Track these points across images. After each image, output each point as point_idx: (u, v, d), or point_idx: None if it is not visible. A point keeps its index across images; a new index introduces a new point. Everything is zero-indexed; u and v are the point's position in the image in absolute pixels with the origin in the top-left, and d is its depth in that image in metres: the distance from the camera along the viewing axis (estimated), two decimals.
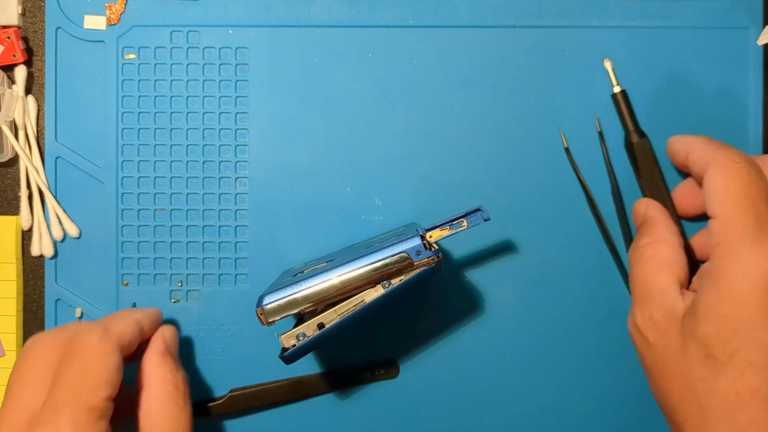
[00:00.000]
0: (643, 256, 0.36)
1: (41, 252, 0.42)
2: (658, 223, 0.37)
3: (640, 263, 0.36)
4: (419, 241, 0.34)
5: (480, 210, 0.35)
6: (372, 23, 0.42)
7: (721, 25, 0.42)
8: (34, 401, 0.32)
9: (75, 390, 0.32)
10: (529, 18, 0.42)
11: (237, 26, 0.42)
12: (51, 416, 0.31)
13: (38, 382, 0.33)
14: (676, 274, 0.35)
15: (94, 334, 0.33)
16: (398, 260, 0.34)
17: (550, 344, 0.43)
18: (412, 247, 0.34)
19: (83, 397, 0.32)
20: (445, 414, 0.43)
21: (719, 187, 0.33)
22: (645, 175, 0.41)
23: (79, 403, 0.31)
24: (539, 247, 0.42)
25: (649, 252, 0.36)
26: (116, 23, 0.42)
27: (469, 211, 0.35)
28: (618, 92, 0.41)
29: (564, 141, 0.42)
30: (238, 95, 0.42)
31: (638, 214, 0.39)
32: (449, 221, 0.35)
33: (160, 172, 0.42)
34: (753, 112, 0.42)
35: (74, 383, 0.32)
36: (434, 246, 0.35)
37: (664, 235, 0.36)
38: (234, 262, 0.42)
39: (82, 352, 0.33)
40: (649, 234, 0.37)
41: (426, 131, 0.42)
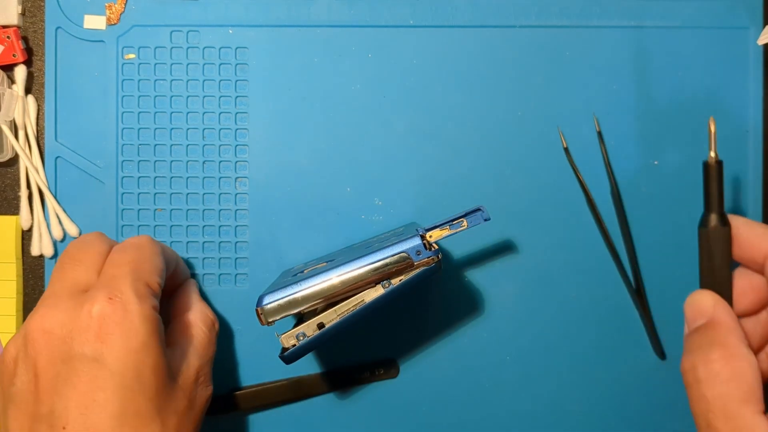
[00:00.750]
0: (719, 376, 0.30)
1: (41, 252, 0.42)
2: (732, 332, 0.32)
3: (717, 384, 0.30)
4: (419, 241, 0.34)
5: (480, 210, 0.35)
6: (372, 23, 0.42)
7: (721, 25, 0.42)
8: (87, 276, 0.35)
9: (133, 268, 0.34)
10: (529, 18, 0.42)
11: (237, 26, 0.42)
12: (111, 283, 0.33)
13: (91, 263, 0.35)
14: (761, 402, 0.30)
15: (144, 236, 0.38)
16: (398, 260, 0.34)
17: (549, 344, 0.43)
18: (412, 246, 0.34)
19: (141, 275, 0.34)
20: (445, 414, 0.43)
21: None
22: (716, 266, 0.34)
23: (138, 276, 0.34)
24: (539, 247, 0.42)
25: (727, 371, 0.30)
26: (116, 23, 0.42)
27: (469, 211, 0.35)
28: (714, 162, 0.34)
29: (563, 141, 0.42)
30: (238, 95, 0.42)
31: (701, 311, 0.33)
32: (449, 221, 0.35)
33: (160, 172, 0.42)
34: (753, 112, 0.42)
35: (132, 263, 0.35)
36: (434, 246, 0.35)
37: (741, 351, 0.31)
38: (234, 262, 0.42)
39: (136, 245, 0.36)
40: (722, 345, 0.31)
41: (426, 131, 0.42)
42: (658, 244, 0.42)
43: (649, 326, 0.42)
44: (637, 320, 0.42)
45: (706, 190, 0.34)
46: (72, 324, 0.32)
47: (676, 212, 0.42)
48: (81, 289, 0.34)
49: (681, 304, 0.42)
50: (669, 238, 0.42)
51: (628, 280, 0.42)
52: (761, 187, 0.43)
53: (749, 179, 0.42)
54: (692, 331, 0.33)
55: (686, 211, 0.42)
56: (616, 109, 0.42)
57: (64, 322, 0.32)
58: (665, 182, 0.42)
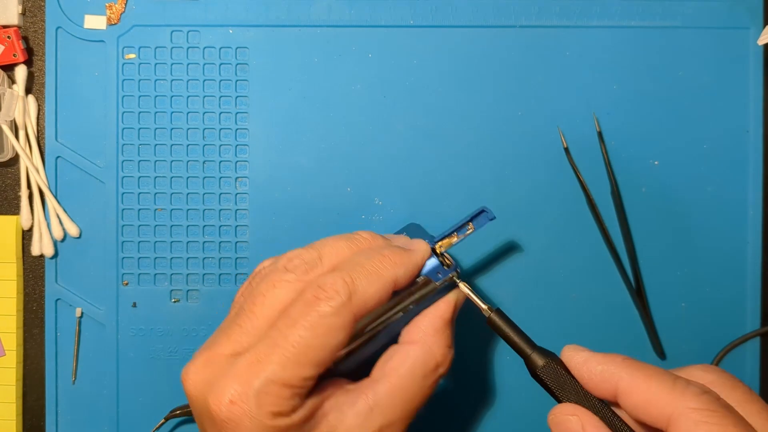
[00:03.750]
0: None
1: (41, 252, 0.42)
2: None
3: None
4: (436, 261, 0.33)
5: (484, 211, 0.35)
6: (372, 23, 0.42)
7: (721, 25, 0.42)
8: (248, 340, 0.29)
9: (281, 359, 0.28)
10: (529, 18, 0.42)
11: (237, 26, 0.42)
12: (245, 372, 0.28)
13: (264, 319, 0.29)
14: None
15: (335, 299, 0.28)
16: (420, 286, 0.32)
17: (549, 344, 0.43)
18: (432, 269, 0.33)
19: (286, 371, 0.28)
20: (445, 414, 0.43)
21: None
22: (570, 397, 0.29)
23: (279, 377, 0.28)
24: (539, 247, 0.42)
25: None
26: (116, 23, 0.42)
27: (474, 215, 0.35)
28: (490, 312, 0.32)
29: (564, 141, 0.42)
30: (238, 95, 0.42)
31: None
32: (456, 228, 0.34)
33: (161, 172, 0.42)
34: (753, 112, 0.42)
35: (286, 349, 0.28)
36: (449, 261, 0.33)
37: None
38: (234, 262, 0.42)
39: (310, 317, 0.28)
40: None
41: (426, 131, 0.42)
42: (658, 244, 0.42)
43: (649, 326, 0.42)
44: (637, 320, 0.42)
45: (507, 339, 0.31)
46: (204, 399, 0.29)
47: (676, 212, 0.42)
48: (239, 351, 0.29)
49: (681, 304, 0.43)
50: (669, 238, 0.42)
51: (628, 280, 0.42)
52: (761, 187, 0.43)
53: (749, 179, 0.42)
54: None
55: (686, 211, 0.42)
56: (616, 109, 0.42)
57: (200, 390, 0.29)
58: (665, 182, 0.42)
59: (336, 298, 0.29)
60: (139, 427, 0.42)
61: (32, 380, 0.43)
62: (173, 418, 0.41)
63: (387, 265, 0.30)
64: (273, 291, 0.29)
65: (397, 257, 0.31)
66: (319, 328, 0.28)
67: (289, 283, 0.30)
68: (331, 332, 0.28)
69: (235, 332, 0.29)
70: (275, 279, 0.30)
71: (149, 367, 0.42)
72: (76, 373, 0.43)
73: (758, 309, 0.43)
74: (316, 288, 0.29)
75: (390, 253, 0.31)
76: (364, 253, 0.31)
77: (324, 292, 0.29)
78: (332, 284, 0.29)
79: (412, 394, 0.31)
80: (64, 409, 0.43)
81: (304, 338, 0.28)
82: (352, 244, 0.31)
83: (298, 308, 0.29)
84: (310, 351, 0.28)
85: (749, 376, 0.43)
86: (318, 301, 0.28)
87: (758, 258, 0.43)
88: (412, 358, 0.31)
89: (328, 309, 0.28)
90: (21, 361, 0.43)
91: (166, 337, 0.42)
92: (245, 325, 0.29)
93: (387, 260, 0.31)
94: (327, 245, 0.31)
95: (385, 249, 0.31)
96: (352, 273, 0.29)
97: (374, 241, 0.32)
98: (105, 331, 0.42)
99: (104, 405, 0.42)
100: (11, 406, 0.42)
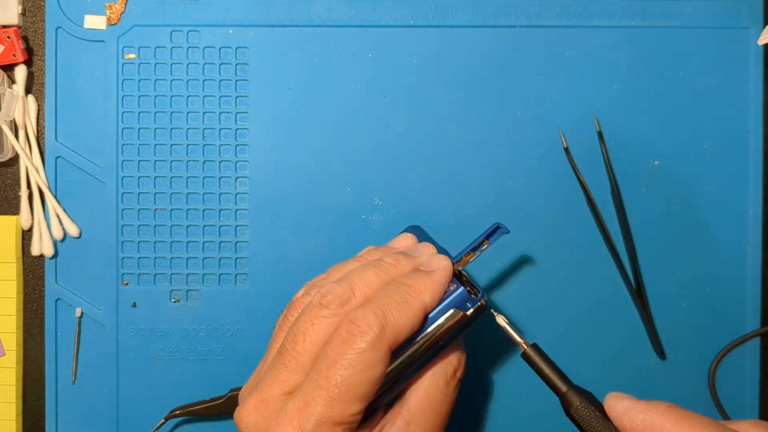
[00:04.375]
0: None
1: (41, 252, 0.42)
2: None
3: None
4: (464, 291, 0.32)
5: (499, 228, 0.34)
6: (372, 23, 0.42)
7: (721, 25, 0.42)
8: (296, 379, 0.30)
9: (328, 396, 0.29)
10: (529, 18, 0.42)
11: (237, 26, 0.42)
12: (298, 416, 0.29)
13: (308, 356, 0.30)
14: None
15: (369, 333, 0.29)
16: (449, 318, 0.32)
17: (549, 344, 0.43)
18: (460, 301, 0.32)
19: (333, 408, 0.29)
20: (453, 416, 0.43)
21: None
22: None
23: (326, 415, 0.28)
24: (539, 247, 0.42)
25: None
26: (116, 23, 0.42)
27: (489, 232, 0.34)
28: (527, 347, 0.31)
29: (564, 141, 0.42)
30: (238, 95, 0.42)
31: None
32: (473, 247, 0.34)
33: (161, 172, 0.42)
34: (753, 112, 0.42)
35: (330, 389, 0.29)
36: (476, 289, 0.32)
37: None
38: (234, 262, 0.42)
39: (348, 355, 0.29)
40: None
41: (426, 131, 0.42)
42: (658, 244, 0.42)
43: (649, 326, 0.42)
44: (637, 320, 0.42)
45: (542, 375, 0.31)
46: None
47: (676, 212, 0.42)
48: (287, 391, 0.30)
49: (681, 304, 0.43)
50: (669, 238, 0.42)
51: (628, 280, 0.42)
52: (761, 187, 0.43)
53: (749, 179, 0.42)
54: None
55: (686, 211, 0.42)
56: (616, 109, 0.42)
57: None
58: (665, 182, 0.42)
59: (370, 332, 0.29)
60: (139, 427, 0.42)
61: (32, 380, 0.43)
62: (173, 418, 0.41)
63: (414, 294, 0.31)
64: (312, 328, 0.30)
65: (423, 284, 0.32)
66: (359, 364, 0.29)
67: (325, 318, 0.30)
68: (370, 367, 0.29)
69: (282, 372, 0.30)
70: (312, 316, 0.30)
71: (149, 367, 0.42)
72: (76, 373, 0.43)
73: (758, 309, 0.43)
74: (349, 323, 0.29)
75: (415, 280, 0.32)
76: (393, 284, 0.32)
77: (358, 328, 0.29)
78: (364, 318, 0.29)
79: (439, 402, 0.32)
80: (64, 409, 0.43)
81: (345, 377, 0.29)
82: (381, 272, 0.32)
83: (335, 347, 0.29)
84: (353, 388, 0.29)
85: (749, 376, 0.43)
86: (353, 337, 0.29)
87: (758, 258, 0.43)
88: (431, 369, 0.32)
89: (364, 345, 0.29)
90: (21, 361, 0.43)
91: (166, 337, 0.42)
92: (290, 364, 0.30)
93: (413, 289, 0.31)
94: (357, 277, 0.32)
95: (410, 276, 0.32)
96: (382, 305, 0.30)
97: (399, 265, 0.33)
98: (105, 331, 0.42)
99: (104, 405, 0.42)
100: (11, 406, 0.42)
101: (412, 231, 0.36)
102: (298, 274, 0.42)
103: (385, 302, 0.30)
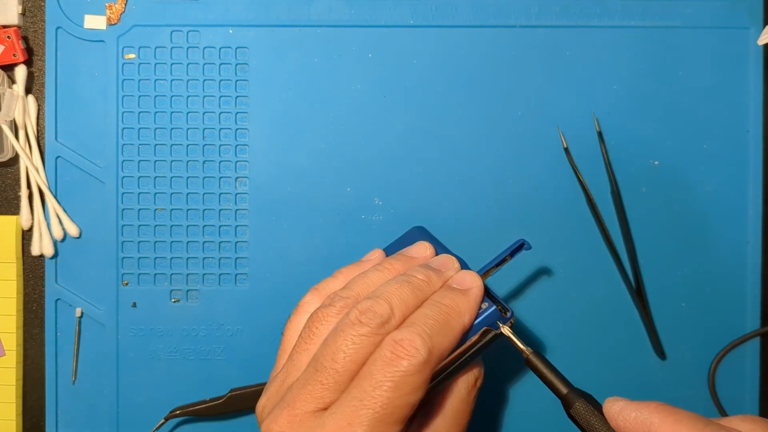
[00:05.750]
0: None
1: (41, 252, 0.42)
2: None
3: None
4: (497, 310, 0.32)
5: (524, 245, 0.34)
6: (372, 23, 0.42)
7: (721, 25, 0.42)
8: (331, 396, 0.30)
9: (372, 417, 0.28)
10: (529, 18, 0.42)
11: (237, 26, 0.42)
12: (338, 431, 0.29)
13: (347, 375, 0.30)
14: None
15: (416, 357, 0.29)
16: (482, 337, 0.32)
17: (549, 344, 0.43)
18: (493, 320, 0.32)
19: (375, 429, 0.28)
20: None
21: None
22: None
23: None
24: (539, 247, 0.42)
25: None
26: (116, 23, 0.42)
27: (513, 248, 0.34)
28: (530, 354, 0.32)
29: (564, 141, 0.42)
30: (238, 95, 0.42)
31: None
32: (497, 263, 0.34)
33: (161, 172, 0.42)
34: (753, 112, 0.42)
35: (374, 410, 0.28)
36: (503, 306, 0.32)
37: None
38: (234, 262, 0.42)
39: (395, 377, 0.28)
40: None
41: (426, 131, 0.42)
42: (658, 244, 0.42)
43: (649, 326, 0.42)
44: (637, 320, 0.42)
45: (542, 380, 0.32)
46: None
47: (676, 212, 0.42)
48: (321, 408, 0.29)
49: (681, 304, 0.43)
50: (669, 238, 0.42)
51: (628, 280, 0.42)
52: (761, 187, 0.43)
53: (749, 179, 0.42)
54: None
55: (686, 211, 0.42)
56: (616, 109, 0.42)
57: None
58: (665, 182, 0.42)
59: (417, 356, 0.29)
60: (139, 427, 0.42)
61: (32, 380, 0.43)
62: (173, 418, 0.41)
63: (456, 316, 0.31)
64: (353, 347, 0.30)
65: (462, 304, 0.32)
66: (405, 387, 0.29)
67: (366, 337, 0.30)
68: (415, 390, 0.29)
69: (318, 389, 0.30)
70: (353, 334, 0.30)
71: (149, 367, 0.42)
72: (76, 373, 0.43)
73: (758, 309, 0.43)
74: (394, 345, 0.29)
75: (454, 300, 0.32)
76: (432, 305, 0.31)
77: (404, 350, 0.29)
78: (411, 341, 0.29)
79: (461, 412, 0.33)
80: (64, 409, 0.43)
81: (391, 399, 0.28)
82: (417, 291, 0.32)
83: (379, 367, 0.29)
84: (397, 410, 0.29)
85: (749, 376, 0.43)
86: (399, 359, 0.29)
87: (758, 258, 0.43)
88: (454, 381, 0.33)
89: (412, 368, 0.29)
90: (21, 361, 0.43)
91: (165, 337, 0.42)
92: (327, 381, 0.30)
93: (454, 310, 0.31)
94: (394, 295, 0.31)
95: (447, 296, 0.32)
96: (427, 328, 0.30)
97: (431, 283, 0.33)
98: (105, 331, 0.42)
99: (104, 405, 0.42)
100: (11, 406, 0.42)
101: (418, 232, 0.36)
102: (298, 274, 0.42)
103: (430, 325, 0.30)
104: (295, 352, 0.32)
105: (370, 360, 0.29)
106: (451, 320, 0.31)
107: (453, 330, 0.31)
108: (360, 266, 0.35)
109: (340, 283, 0.34)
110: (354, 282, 0.33)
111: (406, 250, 0.35)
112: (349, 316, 0.30)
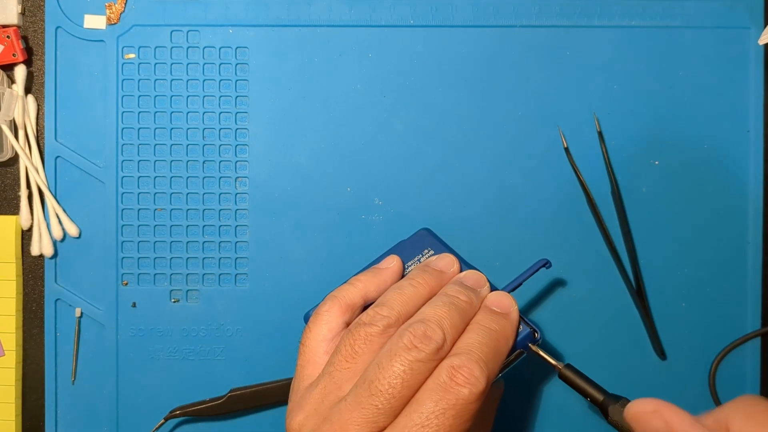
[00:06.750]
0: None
1: (41, 252, 0.42)
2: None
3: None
4: (530, 332, 0.33)
5: (546, 264, 0.35)
6: (372, 23, 0.42)
7: (721, 25, 0.42)
8: (385, 420, 0.29)
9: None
10: (529, 18, 0.42)
11: (237, 26, 0.42)
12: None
13: (403, 400, 0.29)
14: None
15: (477, 386, 0.29)
16: (515, 357, 0.33)
17: (549, 344, 0.43)
18: (526, 342, 0.33)
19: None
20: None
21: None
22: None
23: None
24: (539, 247, 0.42)
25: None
26: (116, 23, 0.42)
27: (537, 267, 0.35)
28: (562, 368, 0.33)
29: (564, 141, 0.42)
30: (238, 95, 0.42)
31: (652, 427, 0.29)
32: (522, 281, 0.35)
33: (160, 172, 0.42)
34: (753, 112, 0.42)
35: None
36: (532, 326, 0.33)
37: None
38: (234, 262, 0.42)
39: (457, 406, 0.29)
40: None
41: (426, 131, 0.42)
42: (658, 244, 0.42)
43: (649, 326, 0.42)
44: (637, 320, 0.42)
45: (578, 390, 0.33)
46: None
47: (676, 212, 0.42)
48: (374, 431, 0.29)
49: (681, 304, 0.43)
50: (669, 238, 0.42)
51: (629, 279, 0.42)
52: (761, 187, 0.43)
53: (749, 179, 0.42)
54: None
55: (686, 211, 0.42)
56: (616, 109, 0.42)
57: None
58: (665, 182, 0.42)
59: (478, 384, 0.29)
60: (138, 427, 0.42)
61: (32, 380, 0.43)
62: (173, 418, 0.41)
63: (503, 341, 0.32)
64: (410, 372, 0.29)
65: (507, 329, 0.32)
66: (465, 414, 0.29)
67: (423, 363, 0.30)
68: (471, 417, 0.29)
69: (372, 413, 0.29)
70: (409, 359, 0.30)
71: (149, 367, 0.42)
72: (75, 373, 0.43)
73: (758, 309, 0.43)
74: (454, 372, 0.29)
75: (500, 325, 0.32)
76: (480, 330, 0.31)
77: (465, 378, 0.29)
78: (470, 371, 0.29)
79: (488, 422, 0.34)
80: (64, 409, 0.43)
81: (452, 426, 0.29)
82: (463, 314, 0.32)
83: (438, 393, 0.29)
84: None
85: (749, 376, 0.43)
86: (459, 387, 0.29)
87: (758, 258, 0.43)
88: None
89: (473, 396, 0.29)
90: (21, 361, 0.43)
91: (165, 337, 0.42)
92: (383, 406, 0.29)
93: (502, 336, 0.32)
94: (444, 319, 0.31)
95: (492, 320, 0.32)
96: (484, 357, 0.30)
97: (473, 305, 0.33)
98: (105, 331, 0.42)
99: (104, 405, 0.42)
100: (11, 406, 0.42)
101: (425, 235, 0.36)
102: (298, 274, 0.42)
103: (485, 352, 0.30)
104: (336, 370, 0.31)
105: (426, 386, 0.29)
106: (500, 346, 0.31)
107: (502, 355, 0.31)
108: (378, 274, 0.34)
109: (359, 291, 0.33)
110: (391, 299, 0.32)
111: (432, 263, 0.35)
112: (402, 339, 0.30)
